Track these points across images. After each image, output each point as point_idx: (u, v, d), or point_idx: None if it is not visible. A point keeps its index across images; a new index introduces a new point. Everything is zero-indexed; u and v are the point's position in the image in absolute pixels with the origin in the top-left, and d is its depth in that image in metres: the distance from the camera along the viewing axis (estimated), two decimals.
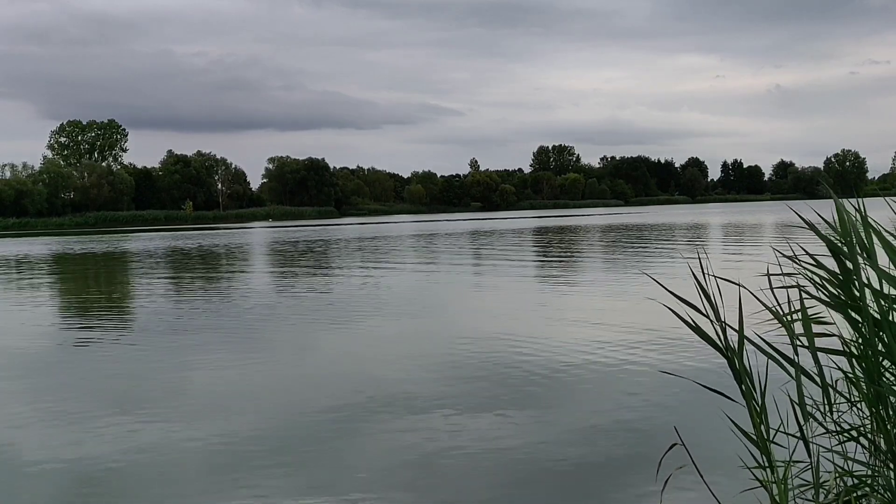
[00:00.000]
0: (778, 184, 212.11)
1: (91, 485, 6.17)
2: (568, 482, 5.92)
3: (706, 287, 3.91)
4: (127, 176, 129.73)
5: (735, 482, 4.69)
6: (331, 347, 12.02)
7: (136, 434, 7.44)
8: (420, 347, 11.58)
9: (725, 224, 57.10)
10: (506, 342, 11.53)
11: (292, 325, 14.22)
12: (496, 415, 7.76)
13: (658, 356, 10.14)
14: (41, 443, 7.29)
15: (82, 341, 13.30)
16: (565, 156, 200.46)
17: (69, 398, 8.99)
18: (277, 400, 8.70)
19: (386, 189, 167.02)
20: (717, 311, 3.87)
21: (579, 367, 9.71)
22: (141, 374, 10.27)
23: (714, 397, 4.30)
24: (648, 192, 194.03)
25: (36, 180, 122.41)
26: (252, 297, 19.15)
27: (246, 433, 7.37)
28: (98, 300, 20.08)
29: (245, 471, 6.35)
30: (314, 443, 7.07)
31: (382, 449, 6.85)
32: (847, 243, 3.65)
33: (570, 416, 7.69)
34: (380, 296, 18.35)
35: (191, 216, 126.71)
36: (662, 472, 4.69)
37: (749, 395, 3.78)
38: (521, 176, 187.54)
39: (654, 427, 7.13)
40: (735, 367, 3.79)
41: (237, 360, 10.99)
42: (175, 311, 16.77)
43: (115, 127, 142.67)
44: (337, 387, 9.16)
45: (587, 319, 13.57)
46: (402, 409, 8.03)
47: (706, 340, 3.86)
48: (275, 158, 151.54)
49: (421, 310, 15.90)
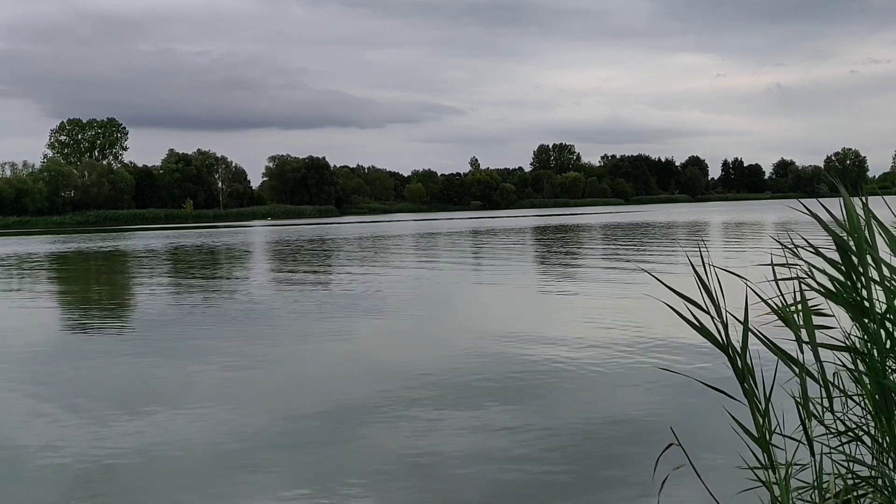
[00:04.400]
0: (778, 182, 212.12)
1: (96, 483, 6.14)
2: (565, 481, 5.86)
3: (708, 283, 3.84)
4: (127, 174, 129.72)
5: (734, 482, 4.63)
6: (332, 347, 11.97)
7: (142, 432, 7.42)
8: (421, 346, 11.53)
9: (726, 223, 57.06)
10: (506, 340, 11.48)
11: (295, 325, 14.17)
12: (495, 413, 7.71)
13: (659, 353, 10.09)
14: (46, 441, 7.25)
15: (86, 339, 13.25)
16: (566, 154, 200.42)
17: (73, 397, 8.95)
18: (281, 399, 8.66)
19: (386, 188, 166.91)
20: (719, 307, 3.81)
21: (579, 366, 9.66)
22: (145, 372, 10.24)
23: (714, 395, 4.24)
24: (649, 190, 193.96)
25: (36, 179, 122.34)
26: (254, 295, 19.09)
27: (250, 431, 7.35)
28: (102, 298, 20.03)
29: (250, 469, 6.31)
30: (316, 441, 7.03)
31: (383, 448, 6.80)
32: (856, 238, 3.58)
33: (568, 414, 7.63)
34: (381, 295, 18.29)
35: (191, 215, 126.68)
36: (661, 472, 4.63)
37: (751, 393, 3.72)
38: (521, 175, 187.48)
39: (653, 426, 7.07)
40: (737, 364, 3.72)
41: (241, 357, 10.96)
42: (178, 310, 16.72)
43: (115, 125, 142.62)
44: (339, 385, 9.12)
45: (589, 317, 13.51)
46: (402, 408, 7.98)
47: (708, 338, 3.79)
48: (275, 157, 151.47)
49: (422, 309, 15.85)
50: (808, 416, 3.69)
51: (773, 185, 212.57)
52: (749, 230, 44.16)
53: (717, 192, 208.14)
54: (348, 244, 43.41)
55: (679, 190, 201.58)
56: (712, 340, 3.79)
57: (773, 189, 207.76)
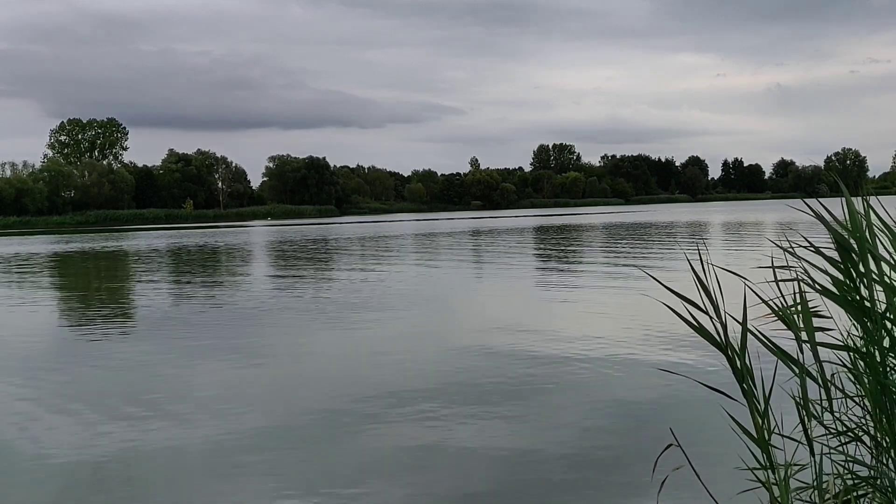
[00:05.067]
0: (778, 182, 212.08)
1: (97, 483, 6.13)
2: (564, 480, 5.85)
3: (707, 283, 3.83)
4: (127, 174, 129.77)
5: (733, 483, 4.62)
6: (332, 346, 11.97)
7: (143, 432, 7.41)
8: (422, 344, 11.52)
9: (727, 223, 57.03)
10: (506, 340, 11.48)
11: (297, 324, 14.16)
12: (494, 412, 7.70)
13: (658, 353, 10.08)
14: (43, 441, 7.24)
15: (88, 339, 13.24)
16: (566, 154, 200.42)
17: (72, 397, 8.94)
18: (281, 397, 8.67)
19: (386, 188, 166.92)
20: (718, 307, 3.80)
21: (579, 365, 9.65)
22: (147, 371, 10.23)
23: (713, 395, 4.24)
24: (649, 190, 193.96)
25: (36, 179, 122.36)
26: (255, 294, 19.09)
27: (252, 430, 7.34)
28: (103, 298, 20.03)
29: (250, 468, 6.30)
30: (317, 440, 7.03)
31: (383, 446, 6.79)
32: (859, 238, 3.57)
33: (568, 413, 7.62)
34: (383, 295, 18.28)
35: (191, 215, 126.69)
36: (660, 473, 4.63)
37: (750, 393, 3.71)
38: (521, 174, 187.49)
39: (653, 426, 7.06)
40: (736, 365, 3.71)
41: (242, 357, 10.95)
42: (180, 309, 16.71)
43: (114, 125, 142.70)
44: (340, 383, 9.12)
45: (589, 317, 13.51)
46: (402, 406, 7.97)
47: (707, 339, 3.78)
48: (275, 157, 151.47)
49: (423, 307, 15.84)
50: (807, 416, 3.69)
51: (773, 185, 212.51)
52: (749, 230, 44.14)
53: (717, 192, 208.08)
54: (349, 244, 43.40)
55: (679, 190, 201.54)
56: (711, 341, 3.78)
57: (773, 189, 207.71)
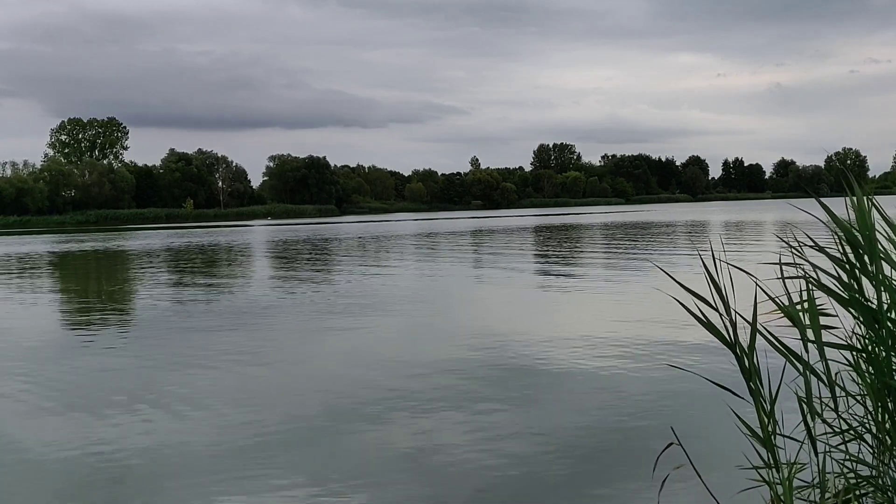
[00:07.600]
0: (779, 182, 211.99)
1: (98, 483, 6.13)
2: (565, 478, 5.86)
3: (717, 280, 3.82)
4: (128, 174, 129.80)
5: (734, 481, 4.62)
6: (334, 345, 11.97)
7: (146, 430, 7.43)
8: (423, 344, 11.53)
9: (728, 222, 57.02)
10: (507, 340, 11.47)
11: (297, 324, 14.17)
12: (495, 411, 7.71)
13: (660, 352, 10.08)
14: (47, 441, 7.24)
15: (90, 338, 13.25)
16: (566, 154, 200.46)
17: (74, 396, 8.95)
18: (282, 396, 8.67)
19: (387, 187, 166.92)
20: (728, 304, 3.79)
21: (579, 364, 9.65)
22: (147, 371, 10.23)
23: (714, 392, 4.24)
24: (649, 190, 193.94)
25: (37, 178, 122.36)
26: (257, 294, 19.10)
27: (252, 429, 7.34)
28: (105, 297, 20.03)
29: (251, 468, 6.31)
30: (317, 439, 7.03)
31: (384, 445, 6.80)
32: (865, 237, 3.57)
33: (568, 411, 7.63)
34: (384, 295, 18.29)
35: (191, 214, 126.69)
36: (662, 471, 4.63)
37: (757, 392, 3.70)
38: (521, 174, 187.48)
39: (654, 424, 7.06)
40: (743, 363, 3.71)
41: (243, 356, 10.96)
42: (181, 308, 16.71)
43: (115, 125, 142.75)
44: (341, 383, 9.13)
45: (590, 315, 13.51)
46: (403, 406, 7.98)
47: (716, 335, 3.78)
48: (276, 157, 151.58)
49: (424, 307, 15.84)
50: (811, 415, 3.69)
51: (773, 184, 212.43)
52: (750, 230, 44.14)
53: (717, 192, 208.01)
54: (349, 243, 43.40)
55: (680, 189, 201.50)
56: (720, 338, 3.77)
57: (773, 189, 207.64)
